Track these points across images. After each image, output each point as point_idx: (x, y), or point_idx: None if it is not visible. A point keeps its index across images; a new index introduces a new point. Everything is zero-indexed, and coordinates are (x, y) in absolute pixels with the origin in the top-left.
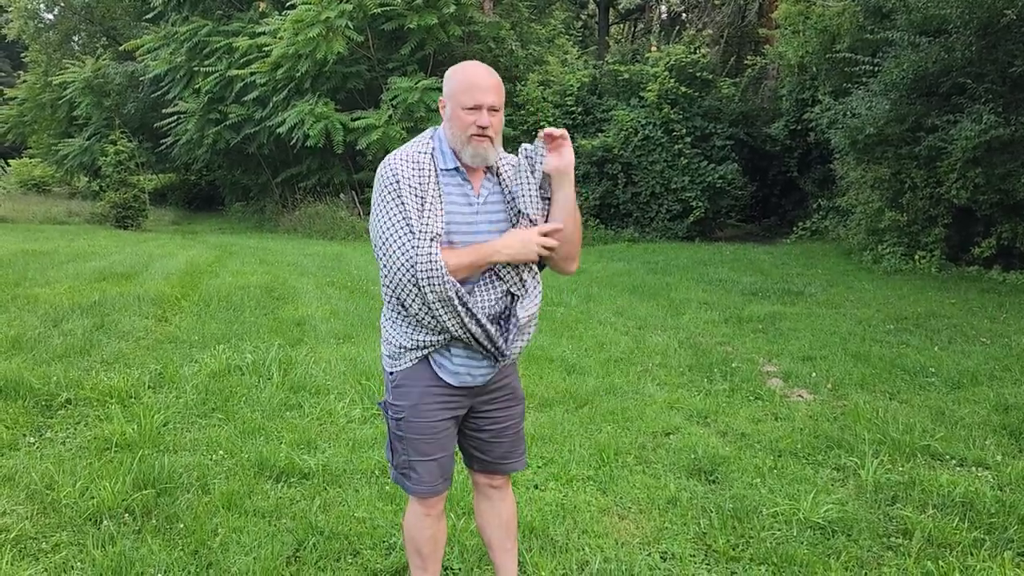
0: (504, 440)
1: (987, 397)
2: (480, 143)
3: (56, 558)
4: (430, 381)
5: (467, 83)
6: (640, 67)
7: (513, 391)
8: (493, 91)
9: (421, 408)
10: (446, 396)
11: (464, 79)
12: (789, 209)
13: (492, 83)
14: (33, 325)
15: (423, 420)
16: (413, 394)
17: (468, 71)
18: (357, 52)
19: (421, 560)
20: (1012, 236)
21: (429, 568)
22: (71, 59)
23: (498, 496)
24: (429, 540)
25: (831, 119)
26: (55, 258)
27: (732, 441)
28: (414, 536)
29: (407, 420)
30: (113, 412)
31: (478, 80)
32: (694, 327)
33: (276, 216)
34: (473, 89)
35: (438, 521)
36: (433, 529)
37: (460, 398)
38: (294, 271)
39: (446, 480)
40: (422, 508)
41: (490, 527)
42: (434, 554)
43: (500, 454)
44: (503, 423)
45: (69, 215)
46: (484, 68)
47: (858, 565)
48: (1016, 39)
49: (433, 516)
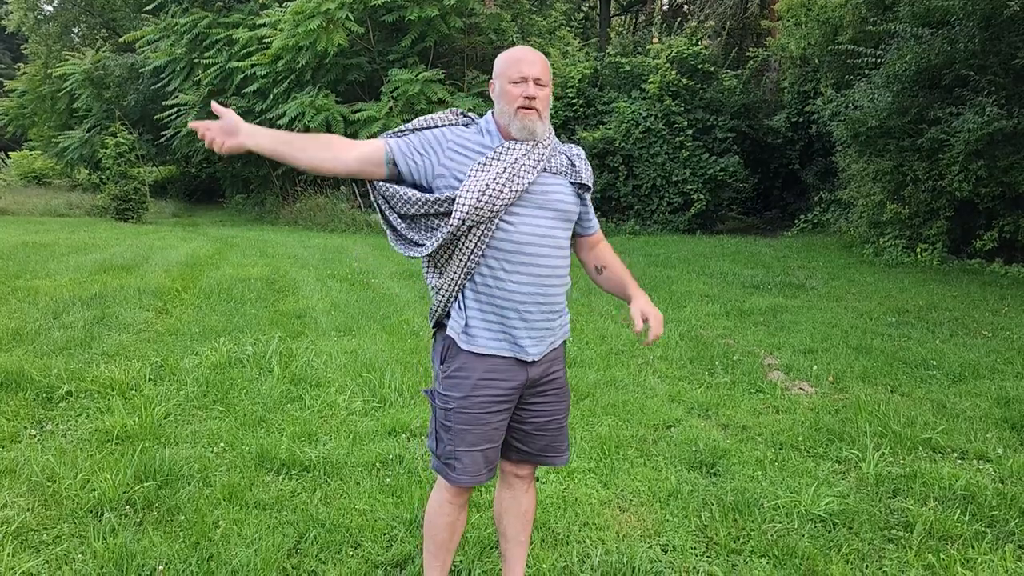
0: (547, 433)
1: (988, 390)
2: (528, 114)
3: (57, 550)
4: (483, 374)
5: (514, 59)
6: (641, 59)
7: (562, 385)
8: (539, 64)
9: (472, 400)
10: (498, 389)
11: (511, 56)
12: (791, 202)
13: (538, 58)
14: (34, 317)
15: (473, 412)
16: (465, 386)
17: (515, 51)
18: (357, 44)
19: (434, 547)
20: (1014, 229)
21: (440, 556)
22: (71, 51)
23: (521, 487)
24: (447, 527)
25: (833, 111)
26: (56, 250)
27: (733, 434)
28: (434, 522)
29: (456, 411)
30: (114, 404)
31: (524, 55)
32: (695, 320)
33: (276, 208)
34: (520, 63)
35: (460, 511)
36: (453, 518)
37: (512, 390)
38: (295, 263)
39: (490, 471)
40: (449, 495)
41: (508, 516)
42: (448, 544)
43: (541, 446)
44: (548, 416)
45: (69, 207)
46: (530, 48)
47: (859, 558)
48: (1019, 31)
49: (457, 505)
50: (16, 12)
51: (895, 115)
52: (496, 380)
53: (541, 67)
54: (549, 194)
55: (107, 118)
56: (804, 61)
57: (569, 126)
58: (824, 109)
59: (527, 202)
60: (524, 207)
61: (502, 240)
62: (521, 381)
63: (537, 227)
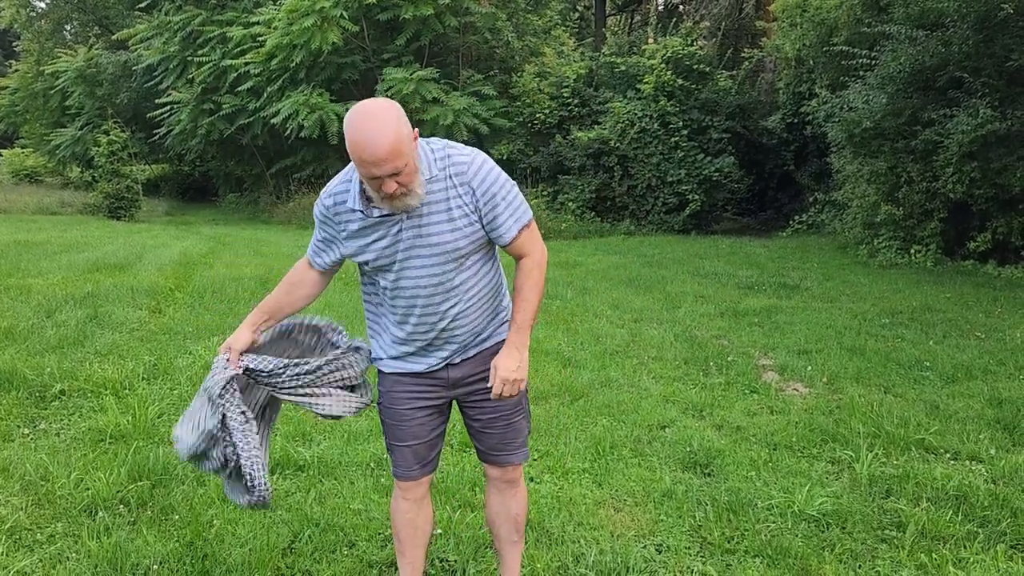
0: (494, 431)
1: (981, 391)
2: (397, 200)
3: (51, 549)
4: (395, 379)
5: (358, 157)
6: (637, 59)
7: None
8: (385, 162)
9: (392, 396)
10: (414, 385)
11: (353, 147)
12: (785, 203)
13: (381, 155)
14: (26, 316)
15: (393, 408)
16: (387, 382)
17: (354, 138)
18: (352, 42)
19: (399, 543)
20: (1007, 231)
21: (407, 553)
22: (63, 48)
23: (509, 491)
24: (407, 524)
25: (828, 112)
26: (48, 249)
27: (727, 434)
28: (393, 518)
29: (383, 406)
30: (107, 403)
31: (363, 155)
32: (690, 320)
33: (270, 207)
34: (363, 164)
35: (417, 507)
36: (412, 515)
37: (429, 389)
38: (289, 262)
39: (422, 468)
40: (399, 491)
41: (499, 520)
42: (411, 540)
43: (491, 444)
44: (491, 413)
45: (62, 205)
46: (372, 134)
47: (852, 557)
48: (1013, 33)
49: (411, 501)
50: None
51: (889, 116)
52: (408, 382)
53: (389, 161)
54: (424, 238)
55: (100, 116)
56: (799, 62)
57: (564, 126)
58: (819, 110)
59: (402, 255)
60: (399, 260)
61: (378, 287)
62: (439, 382)
63: (413, 276)
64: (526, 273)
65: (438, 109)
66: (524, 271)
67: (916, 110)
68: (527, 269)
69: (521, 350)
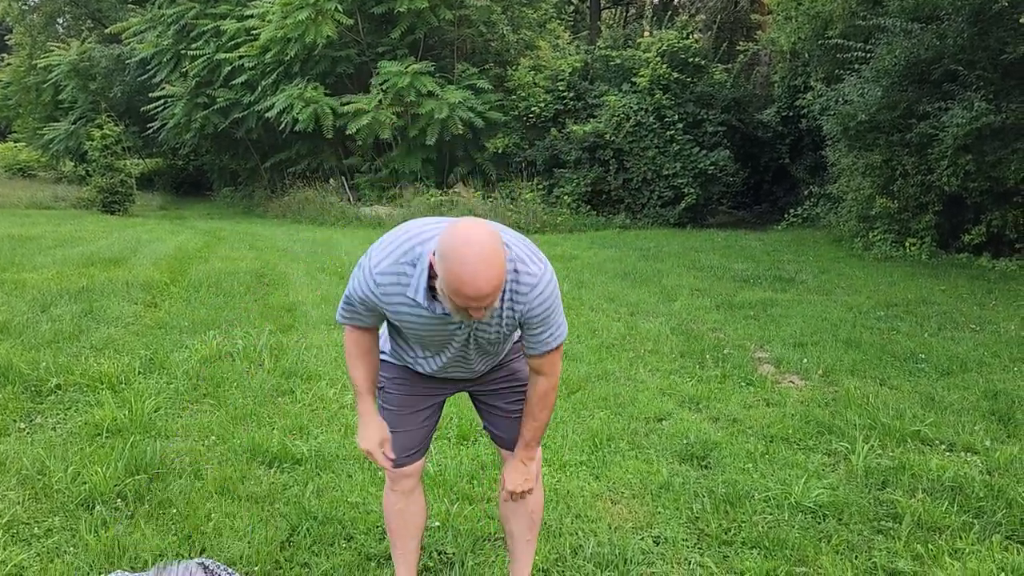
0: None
1: (976, 383)
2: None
3: (48, 543)
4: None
5: (456, 289)
6: (632, 52)
7: (513, 373)
8: (486, 299)
9: (398, 382)
10: (421, 378)
11: (455, 281)
12: (780, 196)
13: (485, 293)
14: (21, 310)
15: (393, 394)
16: (394, 368)
17: (459, 273)
18: (346, 36)
19: (391, 535)
20: (1002, 223)
21: (398, 545)
22: (56, 42)
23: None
24: (397, 515)
25: (823, 106)
26: (42, 243)
27: (724, 427)
28: (384, 510)
29: (385, 391)
30: (104, 398)
31: (466, 291)
32: (686, 313)
33: (265, 201)
34: (461, 297)
35: (407, 499)
36: (402, 506)
37: (438, 383)
38: (284, 257)
39: (409, 458)
40: (389, 482)
41: (515, 517)
42: (403, 531)
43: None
44: (514, 408)
45: (55, 200)
46: (482, 275)
47: (849, 549)
48: (1008, 26)
49: (399, 493)
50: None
51: (884, 110)
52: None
53: (492, 295)
54: (473, 334)
55: (93, 110)
56: (794, 55)
57: (559, 119)
58: (814, 103)
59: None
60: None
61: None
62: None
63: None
64: (541, 395)
65: (433, 103)
66: (540, 392)
67: (911, 103)
68: (543, 391)
69: (528, 464)
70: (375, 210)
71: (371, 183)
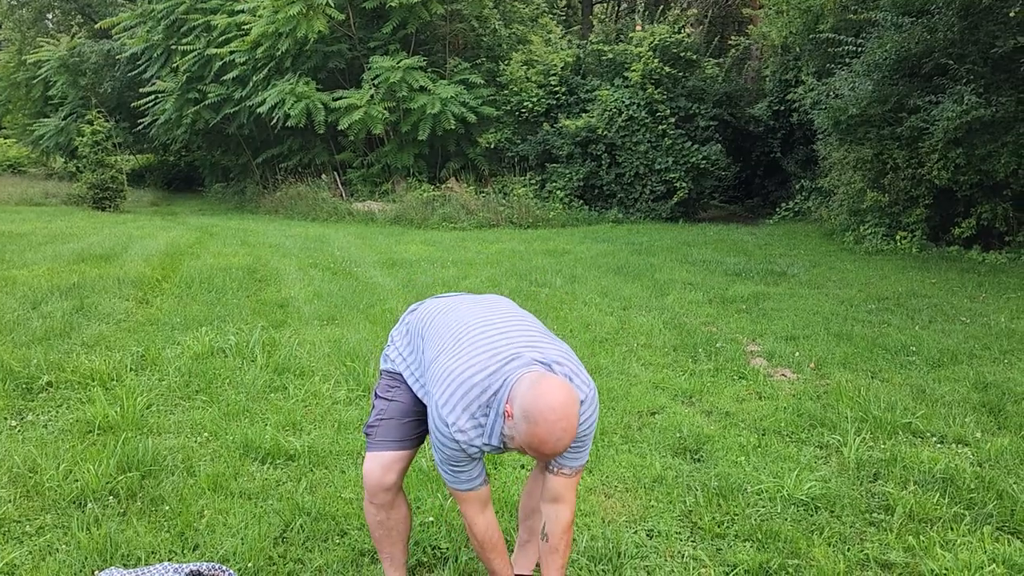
0: None
1: (967, 375)
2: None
3: (40, 541)
4: None
5: (537, 447)
6: (624, 47)
7: None
8: (562, 452)
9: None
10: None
11: (538, 441)
12: (772, 190)
13: (562, 449)
14: (11, 307)
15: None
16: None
17: (543, 434)
18: (338, 31)
19: (375, 541)
20: (991, 216)
21: (384, 549)
22: (45, 37)
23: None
24: (377, 526)
25: (814, 100)
26: (32, 240)
27: (717, 420)
28: (365, 518)
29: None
30: (95, 395)
31: (546, 450)
32: (678, 307)
33: (257, 197)
34: (541, 453)
35: (386, 511)
36: (381, 517)
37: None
38: (276, 252)
39: (400, 443)
40: (367, 494)
41: (549, 524)
42: (384, 539)
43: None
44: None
45: (46, 196)
46: (563, 437)
47: (841, 540)
48: (998, 20)
49: (377, 505)
50: None
51: (875, 103)
52: None
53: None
54: None
55: (83, 105)
56: (786, 49)
57: (552, 114)
58: (805, 97)
59: None
60: None
61: None
62: None
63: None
64: (565, 527)
65: (425, 98)
66: (564, 525)
67: (902, 97)
68: (565, 525)
69: None
70: (367, 205)
71: (363, 178)
